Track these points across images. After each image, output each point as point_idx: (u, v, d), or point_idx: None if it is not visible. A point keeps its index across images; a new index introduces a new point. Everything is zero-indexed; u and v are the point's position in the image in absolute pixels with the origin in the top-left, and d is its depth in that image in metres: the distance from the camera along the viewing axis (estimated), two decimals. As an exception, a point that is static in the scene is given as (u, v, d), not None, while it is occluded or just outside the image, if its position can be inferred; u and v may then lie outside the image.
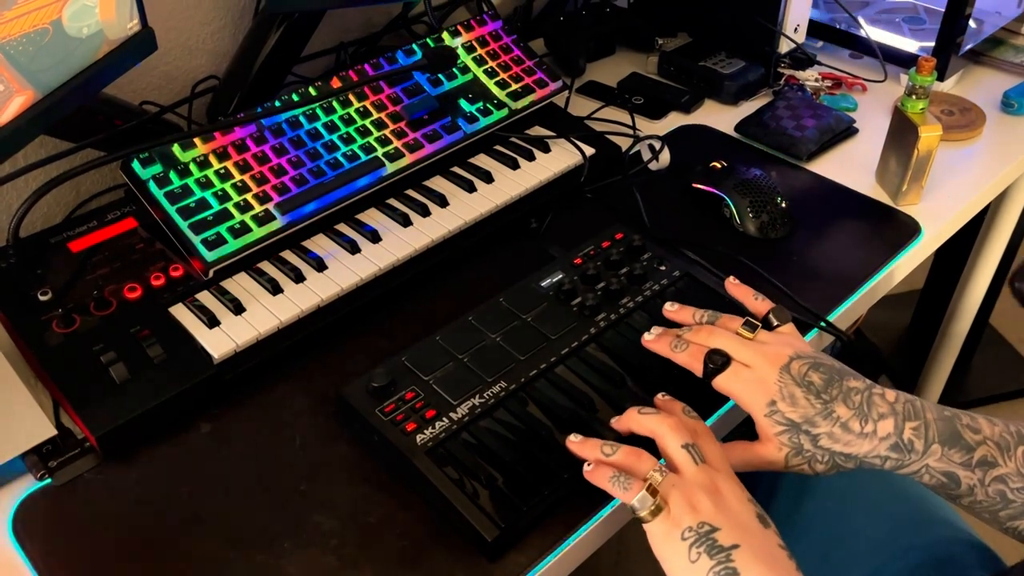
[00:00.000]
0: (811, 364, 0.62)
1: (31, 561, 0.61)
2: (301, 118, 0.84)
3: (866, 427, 0.60)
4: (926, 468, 0.60)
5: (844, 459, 0.61)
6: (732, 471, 0.59)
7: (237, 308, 0.73)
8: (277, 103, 0.82)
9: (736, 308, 0.71)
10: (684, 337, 0.66)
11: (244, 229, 0.76)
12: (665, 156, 0.97)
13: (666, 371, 0.68)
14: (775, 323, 0.67)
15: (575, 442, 0.62)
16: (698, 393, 0.67)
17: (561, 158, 0.92)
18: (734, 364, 0.63)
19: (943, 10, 1.07)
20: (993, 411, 1.74)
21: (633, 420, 0.62)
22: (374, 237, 0.81)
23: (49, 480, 0.65)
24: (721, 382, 0.63)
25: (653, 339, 0.68)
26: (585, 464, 0.60)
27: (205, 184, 0.77)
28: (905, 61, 1.14)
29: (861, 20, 1.16)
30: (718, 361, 0.63)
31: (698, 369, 0.64)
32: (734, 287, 0.72)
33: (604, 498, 0.62)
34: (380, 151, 0.84)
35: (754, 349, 0.63)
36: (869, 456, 0.61)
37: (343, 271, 0.77)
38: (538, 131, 0.95)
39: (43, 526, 0.63)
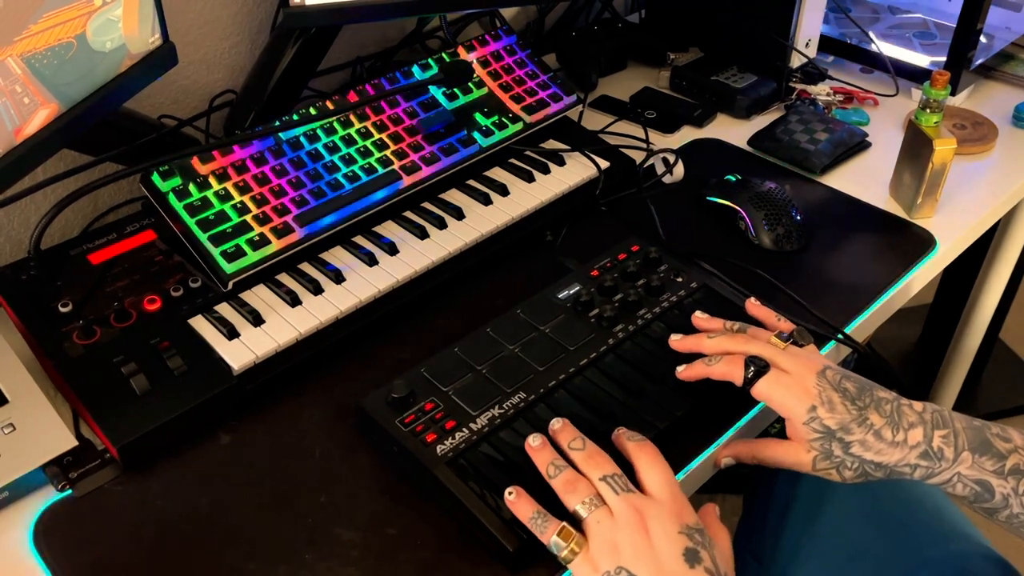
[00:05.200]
0: (843, 374, 0.63)
1: (52, 572, 0.61)
2: (319, 131, 0.85)
3: (897, 436, 0.61)
4: (958, 476, 0.60)
5: (874, 468, 0.62)
6: (674, 496, 0.57)
7: (256, 320, 0.74)
8: (295, 116, 0.83)
9: (757, 325, 0.71)
10: (720, 342, 0.67)
11: (263, 241, 0.76)
12: (679, 169, 0.97)
13: (685, 384, 0.68)
14: (799, 343, 0.67)
15: (533, 446, 0.61)
16: (717, 404, 0.67)
17: (576, 171, 0.92)
18: (774, 369, 0.63)
19: (954, 25, 1.08)
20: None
21: (563, 466, 0.59)
22: (391, 249, 0.81)
23: (70, 491, 0.66)
24: (762, 387, 0.63)
25: (680, 340, 0.69)
26: (507, 493, 0.59)
27: (224, 197, 0.78)
28: (916, 75, 1.14)
29: (872, 35, 1.16)
30: (760, 363, 0.64)
31: (737, 376, 0.64)
32: (756, 308, 0.73)
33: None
34: (397, 164, 0.85)
35: (789, 356, 0.64)
36: (899, 465, 0.61)
37: (361, 283, 0.78)
38: (553, 145, 0.96)
39: (64, 537, 0.63)
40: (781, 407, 0.63)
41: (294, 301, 0.76)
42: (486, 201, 0.87)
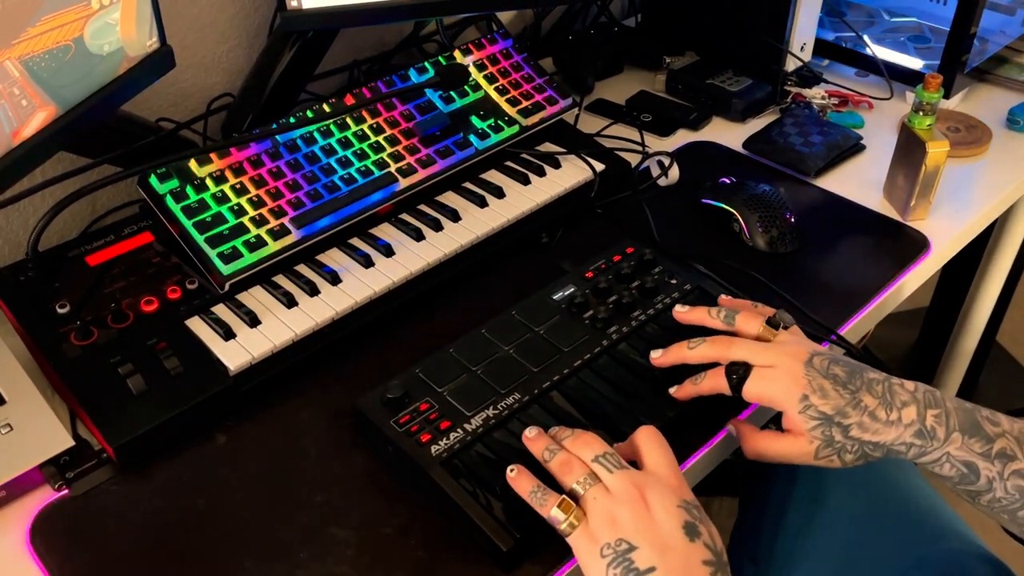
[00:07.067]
0: (831, 359, 0.64)
1: (49, 572, 0.61)
2: (315, 134, 0.85)
3: (891, 415, 0.61)
4: (947, 456, 0.61)
5: (872, 448, 0.62)
6: (673, 473, 0.58)
7: (253, 321, 0.74)
8: (292, 119, 0.84)
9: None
10: (702, 351, 0.67)
11: (260, 243, 0.77)
12: (674, 172, 0.98)
13: (677, 382, 0.68)
14: (784, 326, 0.68)
15: (530, 436, 0.62)
16: (710, 403, 0.67)
17: (571, 174, 0.92)
18: (756, 369, 0.64)
19: (948, 28, 1.08)
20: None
21: (556, 450, 0.60)
22: (388, 251, 0.82)
23: (67, 491, 0.66)
24: (750, 388, 0.64)
25: (661, 356, 0.70)
26: (508, 470, 0.60)
27: (221, 199, 0.78)
28: (910, 79, 1.15)
29: (867, 39, 1.17)
30: (739, 370, 0.64)
31: (724, 388, 0.65)
32: (730, 301, 0.73)
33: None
34: (393, 167, 0.85)
35: (774, 350, 0.64)
36: (895, 444, 0.61)
37: (357, 285, 0.78)
38: (548, 147, 0.96)
39: (61, 537, 0.63)
40: (773, 402, 0.63)
41: (290, 303, 0.76)
42: (482, 203, 0.88)
